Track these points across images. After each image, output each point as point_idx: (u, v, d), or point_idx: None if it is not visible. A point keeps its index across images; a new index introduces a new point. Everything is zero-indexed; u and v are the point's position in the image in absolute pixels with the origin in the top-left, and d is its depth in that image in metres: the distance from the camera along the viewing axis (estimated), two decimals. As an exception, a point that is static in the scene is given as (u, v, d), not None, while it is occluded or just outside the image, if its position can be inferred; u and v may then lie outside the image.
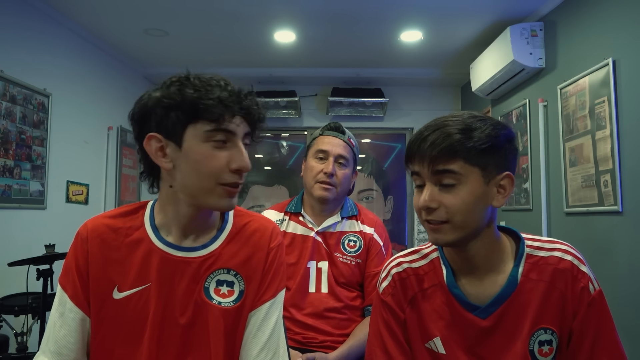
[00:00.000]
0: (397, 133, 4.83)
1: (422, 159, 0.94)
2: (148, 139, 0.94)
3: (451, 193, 0.92)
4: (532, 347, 0.96)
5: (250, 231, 1.06)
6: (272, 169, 4.93)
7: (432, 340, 1.02)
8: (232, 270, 1.01)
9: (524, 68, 3.05)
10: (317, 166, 1.69)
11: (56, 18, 3.14)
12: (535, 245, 1.01)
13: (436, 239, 0.95)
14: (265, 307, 1.01)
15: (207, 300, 0.97)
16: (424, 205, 0.93)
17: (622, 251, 2.27)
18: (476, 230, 0.95)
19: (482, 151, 0.91)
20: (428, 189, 0.93)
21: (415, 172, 0.97)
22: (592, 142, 2.45)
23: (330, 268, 1.68)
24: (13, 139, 2.74)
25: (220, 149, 0.93)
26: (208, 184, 0.93)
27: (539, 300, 0.96)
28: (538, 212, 3.00)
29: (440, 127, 0.93)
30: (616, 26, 2.34)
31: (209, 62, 4.06)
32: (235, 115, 0.93)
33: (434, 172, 0.92)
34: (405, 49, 3.78)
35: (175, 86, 0.93)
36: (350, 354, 1.58)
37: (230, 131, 0.93)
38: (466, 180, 0.92)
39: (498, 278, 0.99)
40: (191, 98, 0.91)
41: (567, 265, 0.97)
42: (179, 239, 1.00)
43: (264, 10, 3.13)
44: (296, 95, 4.42)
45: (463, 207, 0.91)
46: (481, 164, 0.92)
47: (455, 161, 0.91)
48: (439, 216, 0.93)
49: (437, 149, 0.91)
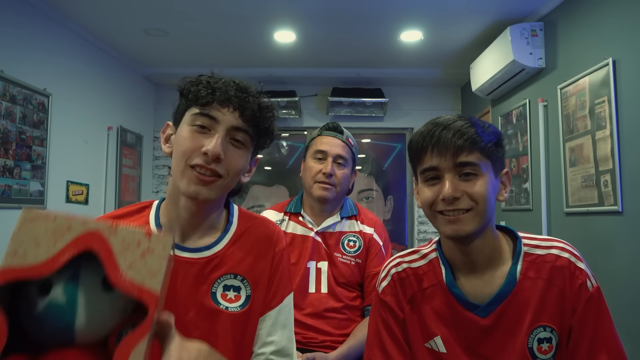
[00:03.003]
0: (397, 133, 4.83)
1: (443, 151, 0.95)
2: (165, 127, 1.02)
3: (472, 182, 0.95)
4: (531, 344, 0.96)
5: (254, 235, 1.05)
6: (272, 169, 4.93)
7: (433, 340, 1.02)
8: (239, 276, 1.00)
9: (524, 68, 3.05)
10: (315, 166, 1.69)
11: (56, 18, 3.14)
12: (532, 243, 1.02)
13: (456, 230, 0.95)
14: (274, 312, 1.03)
15: (214, 305, 0.97)
16: (449, 195, 0.94)
17: (622, 251, 2.27)
18: (488, 224, 0.97)
19: (492, 145, 0.97)
20: (449, 179, 0.95)
21: (431, 167, 0.97)
22: (592, 142, 2.45)
23: (330, 268, 1.68)
24: (13, 139, 2.74)
25: (199, 133, 0.94)
26: (179, 164, 0.94)
27: (538, 298, 0.97)
28: (538, 212, 3.00)
29: (453, 122, 0.97)
30: (616, 26, 2.34)
31: (209, 62, 4.06)
32: (224, 104, 0.94)
33: (457, 164, 0.94)
34: (405, 49, 3.78)
35: (189, 79, 0.98)
36: (350, 353, 1.58)
37: (212, 117, 0.94)
38: (482, 172, 0.95)
39: (497, 277, 1.00)
40: (190, 85, 0.96)
41: (564, 263, 0.98)
42: (182, 238, 1.00)
43: (264, 10, 3.13)
44: (296, 95, 4.41)
45: (485, 194, 0.94)
46: (492, 158, 0.97)
47: (474, 153, 0.95)
48: (463, 205, 0.94)
49: (460, 140, 0.94)
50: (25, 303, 0.56)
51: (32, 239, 0.54)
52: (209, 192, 0.94)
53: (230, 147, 0.95)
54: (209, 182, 0.93)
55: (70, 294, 0.56)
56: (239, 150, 0.96)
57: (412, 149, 1.01)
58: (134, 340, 0.54)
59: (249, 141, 0.98)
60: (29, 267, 0.54)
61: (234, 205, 1.10)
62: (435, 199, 0.96)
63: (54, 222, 0.56)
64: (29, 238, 0.54)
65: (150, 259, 0.58)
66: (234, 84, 0.97)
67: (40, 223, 0.55)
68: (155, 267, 0.58)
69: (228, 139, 0.95)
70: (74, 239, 0.56)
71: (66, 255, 0.56)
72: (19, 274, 0.53)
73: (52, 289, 0.56)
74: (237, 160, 0.96)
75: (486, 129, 0.97)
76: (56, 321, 0.56)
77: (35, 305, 0.56)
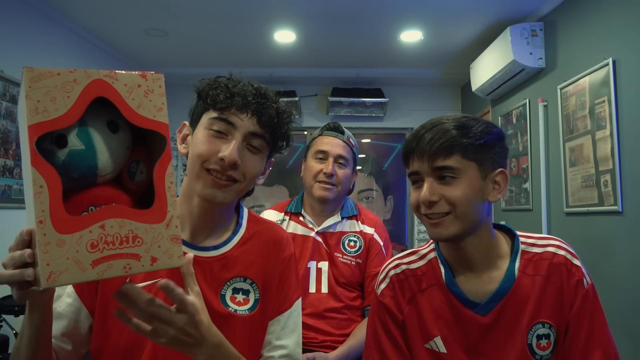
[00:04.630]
0: (397, 133, 4.83)
1: (421, 156, 0.96)
2: (181, 126, 1.02)
3: (451, 185, 0.95)
4: (530, 340, 0.97)
5: (263, 238, 1.06)
6: (272, 169, 4.87)
7: (433, 340, 1.03)
8: (249, 279, 1.01)
9: (524, 68, 3.05)
10: (316, 166, 1.69)
11: (56, 18, 3.14)
12: (529, 242, 1.03)
13: (437, 233, 0.96)
14: (284, 316, 1.03)
15: (223, 307, 0.97)
16: (425, 199, 0.95)
17: (622, 251, 2.27)
18: (475, 225, 0.97)
19: (477, 147, 0.95)
20: (427, 183, 0.95)
21: (413, 172, 0.98)
22: (592, 142, 2.45)
23: (331, 268, 1.68)
24: (13, 139, 2.74)
25: (216, 138, 0.94)
26: (195, 167, 0.95)
27: (537, 295, 0.98)
28: (538, 212, 3.00)
29: (437, 125, 0.96)
30: (616, 26, 2.34)
31: (209, 62, 4.07)
32: (243, 110, 0.94)
33: (434, 168, 0.95)
34: (405, 49, 3.78)
35: (207, 81, 0.99)
36: (350, 353, 1.58)
37: (230, 122, 0.94)
38: (464, 174, 0.95)
39: (495, 274, 1.00)
40: (208, 88, 0.96)
41: (561, 260, 0.99)
42: (192, 236, 1.00)
43: (264, 10, 3.13)
44: (296, 95, 4.42)
45: (463, 198, 0.94)
46: (477, 159, 0.96)
47: (453, 156, 0.94)
48: (440, 208, 0.95)
49: (435, 145, 0.94)
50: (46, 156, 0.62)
51: (47, 95, 0.60)
52: (224, 195, 0.95)
53: (246, 152, 0.96)
54: (224, 186, 0.94)
55: (86, 141, 0.65)
56: (255, 155, 0.97)
57: (402, 153, 1.03)
58: (164, 164, 0.66)
59: (265, 146, 0.99)
60: (54, 120, 0.60)
61: (244, 208, 1.10)
62: (418, 202, 0.98)
63: (59, 76, 0.61)
64: (43, 94, 0.60)
65: (152, 97, 0.66)
66: (252, 88, 0.97)
67: (47, 79, 0.61)
68: (159, 103, 0.66)
69: (245, 145, 0.95)
70: (83, 89, 0.62)
71: (82, 104, 0.62)
72: (47, 127, 0.60)
73: (68, 139, 0.64)
74: (254, 165, 0.97)
75: (476, 129, 0.95)
76: (81, 165, 0.64)
77: (56, 157, 0.63)
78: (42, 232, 0.59)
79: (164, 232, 0.65)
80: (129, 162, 0.71)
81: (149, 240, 0.64)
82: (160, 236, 0.65)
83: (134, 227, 0.64)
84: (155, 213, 0.65)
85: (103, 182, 0.68)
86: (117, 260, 0.62)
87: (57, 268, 0.59)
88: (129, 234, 0.63)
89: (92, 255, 0.61)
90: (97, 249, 0.61)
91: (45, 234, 0.59)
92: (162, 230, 0.65)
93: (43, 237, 0.59)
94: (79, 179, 0.65)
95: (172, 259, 0.66)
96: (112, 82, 0.64)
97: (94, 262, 0.61)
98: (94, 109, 0.64)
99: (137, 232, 0.64)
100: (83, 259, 0.61)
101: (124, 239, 0.63)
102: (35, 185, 0.59)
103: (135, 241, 0.64)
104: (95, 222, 0.62)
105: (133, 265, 0.63)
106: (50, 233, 0.59)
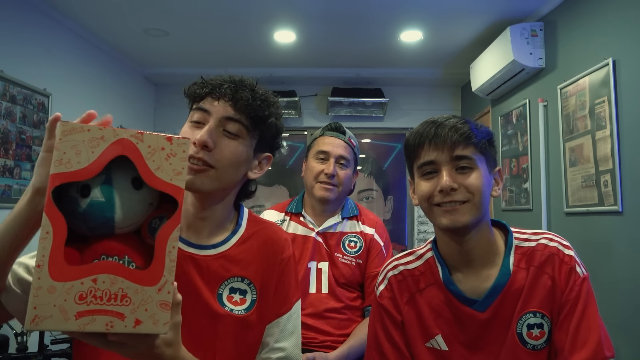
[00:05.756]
0: (397, 133, 4.83)
1: (441, 144, 0.98)
2: None
3: (468, 175, 0.98)
4: (519, 330, 0.98)
5: (262, 239, 1.05)
6: (272, 169, 4.93)
7: (434, 339, 1.04)
8: (246, 279, 1.00)
9: (524, 68, 3.05)
10: (317, 167, 1.69)
11: (56, 18, 3.14)
12: (523, 237, 1.05)
13: (454, 220, 0.97)
14: (283, 319, 1.03)
15: (219, 306, 0.97)
16: (447, 185, 0.96)
17: (622, 251, 2.27)
18: (483, 216, 1.00)
19: (485, 142, 1.01)
20: (446, 171, 0.98)
21: (428, 161, 1.00)
22: (592, 142, 2.45)
23: (331, 268, 1.68)
24: (13, 139, 2.74)
25: (195, 128, 0.95)
26: None
27: (529, 285, 0.99)
28: (538, 212, 3.01)
29: (447, 120, 1.01)
30: (616, 26, 2.34)
31: (209, 62, 4.07)
32: (216, 96, 0.95)
33: (453, 157, 0.98)
34: (405, 49, 3.78)
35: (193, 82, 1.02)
36: (350, 353, 1.58)
37: (205, 110, 0.95)
38: (477, 166, 0.99)
39: (492, 271, 1.02)
40: (190, 86, 1.00)
41: (553, 250, 1.01)
42: (189, 234, 1.00)
43: (264, 10, 3.13)
44: (296, 95, 4.42)
45: (481, 187, 0.97)
46: (486, 154, 1.01)
47: (470, 147, 0.98)
48: (461, 196, 0.97)
49: (457, 133, 0.97)
50: (69, 204, 0.66)
51: (73, 148, 0.64)
52: (200, 181, 0.93)
53: (223, 138, 0.94)
54: (199, 171, 0.92)
55: (107, 194, 0.68)
56: (233, 141, 0.95)
57: (409, 146, 1.04)
58: (170, 227, 0.67)
59: (244, 132, 0.96)
60: (75, 172, 0.64)
61: (244, 208, 1.10)
62: (432, 192, 0.99)
63: (89, 132, 0.65)
64: (70, 147, 0.64)
65: (173, 161, 0.68)
66: (228, 77, 0.98)
67: (77, 134, 0.65)
68: (179, 167, 0.68)
69: (221, 130, 0.95)
70: (107, 146, 0.66)
71: (103, 160, 0.66)
72: (67, 178, 0.64)
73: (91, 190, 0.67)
74: (230, 151, 0.94)
75: (479, 127, 1.02)
76: (99, 216, 0.67)
77: (78, 205, 0.67)
78: (37, 276, 0.61)
79: (155, 296, 0.65)
80: (150, 218, 0.73)
81: (137, 301, 0.64)
82: (150, 299, 0.65)
83: (125, 286, 0.64)
84: (150, 275, 0.66)
85: (122, 234, 0.70)
86: (101, 316, 0.63)
87: (42, 313, 0.61)
88: (119, 291, 0.64)
89: (78, 306, 0.62)
90: (84, 301, 0.63)
91: (40, 277, 0.61)
92: (153, 294, 0.65)
93: (37, 281, 0.61)
94: (96, 228, 0.68)
95: (157, 325, 0.65)
96: (137, 143, 0.66)
97: (78, 314, 0.62)
98: (123, 164, 0.67)
99: (127, 291, 0.64)
100: (69, 309, 0.62)
101: (112, 296, 0.64)
102: (42, 230, 0.62)
103: (124, 300, 0.64)
104: (88, 275, 0.63)
105: (115, 324, 0.63)
106: (44, 278, 0.61)
